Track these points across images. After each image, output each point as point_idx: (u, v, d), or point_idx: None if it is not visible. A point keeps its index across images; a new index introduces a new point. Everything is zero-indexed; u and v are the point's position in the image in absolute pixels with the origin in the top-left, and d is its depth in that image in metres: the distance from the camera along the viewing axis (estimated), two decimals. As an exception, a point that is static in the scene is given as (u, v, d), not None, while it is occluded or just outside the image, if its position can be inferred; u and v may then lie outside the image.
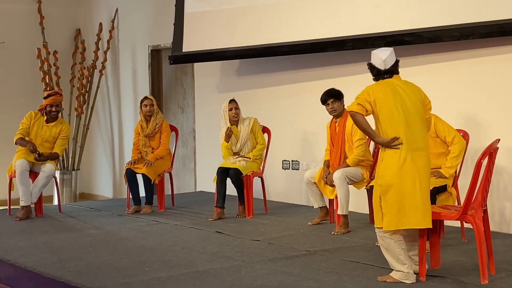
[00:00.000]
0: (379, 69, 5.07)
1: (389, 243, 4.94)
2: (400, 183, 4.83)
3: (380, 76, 5.08)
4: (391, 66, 5.07)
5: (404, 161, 4.84)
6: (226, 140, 7.75)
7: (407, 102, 4.95)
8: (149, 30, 10.88)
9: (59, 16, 11.72)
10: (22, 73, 11.36)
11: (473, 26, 6.78)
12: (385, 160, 4.92)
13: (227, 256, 5.88)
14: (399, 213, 4.84)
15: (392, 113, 4.90)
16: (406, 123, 4.89)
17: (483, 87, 7.01)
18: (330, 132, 7.11)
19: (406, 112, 4.92)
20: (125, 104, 11.38)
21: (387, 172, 4.89)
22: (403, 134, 4.87)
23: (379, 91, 4.97)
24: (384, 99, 4.93)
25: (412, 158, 4.85)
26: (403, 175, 4.83)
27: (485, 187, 5.05)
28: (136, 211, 8.19)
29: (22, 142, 7.96)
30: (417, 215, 4.83)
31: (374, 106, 4.93)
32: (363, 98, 4.96)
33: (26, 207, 7.90)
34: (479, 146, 6.48)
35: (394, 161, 4.86)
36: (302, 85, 8.73)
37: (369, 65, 5.15)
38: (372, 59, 5.14)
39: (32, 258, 5.92)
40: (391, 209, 4.86)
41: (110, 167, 11.69)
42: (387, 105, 4.92)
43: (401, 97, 4.95)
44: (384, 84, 5.04)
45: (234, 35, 8.90)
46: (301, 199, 8.73)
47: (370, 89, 5.02)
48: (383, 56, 5.06)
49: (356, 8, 7.72)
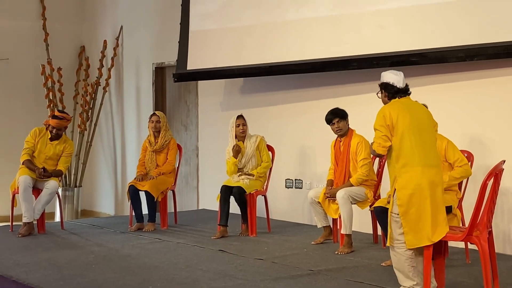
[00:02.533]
0: (398, 87, 5.11)
1: (400, 259, 4.96)
2: (419, 202, 4.86)
3: (398, 94, 5.12)
4: (406, 86, 5.15)
5: (420, 178, 4.87)
6: (235, 156, 7.74)
7: (421, 121, 5.02)
8: (154, 47, 10.91)
9: (63, 33, 11.78)
10: (26, 89, 11.40)
11: (478, 47, 6.79)
12: (403, 178, 4.93)
13: (230, 275, 5.85)
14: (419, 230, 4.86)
15: (407, 131, 4.94)
16: (421, 140, 4.95)
17: (488, 108, 7.00)
18: (335, 151, 7.11)
19: (421, 129, 4.99)
20: (128, 121, 11.38)
21: (405, 192, 4.90)
22: (418, 152, 4.92)
23: (395, 111, 5.00)
24: (400, 118, 4.97)
25: (427, 175, 4.89)
26: (421, 193, 4.86)
27: (490, 208, 5.03)
28: (139, 228, 8.18)
29: (30, 166, 7.95)
30: (428, 230, 4.86)
31: (392, 129, 4.98)
32: (379, 134, 5.00)
33: (28, 223, 7.88)
34: (484, 167, 6.47)
35: (412, 179, 4.89)
36: (306, 104, 8.74)
37: (383, 84, 5.18)
38: (386, 78, 5.17)
39: (34, 274, 5.90)
40: (412, 227, 4.88)
41: (113, 184, 11.68)
42: (403, 123, 4.96)
43: (416, 115, 5.02)
44: (398, 103, 5.08)
45: (239, 53, 8.92)
46: (304, 218, 8.71)
47: (385, 110, 5.04)
48: (399, 74, 5.14)
49: (361, 28, 7.74)
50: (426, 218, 4.86)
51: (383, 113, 5.03)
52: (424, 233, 4.86)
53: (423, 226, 4.86)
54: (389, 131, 4.98)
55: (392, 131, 4.98)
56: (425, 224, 4.86)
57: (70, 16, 11.97)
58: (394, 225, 4.99)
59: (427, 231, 4.86)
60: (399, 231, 4.95)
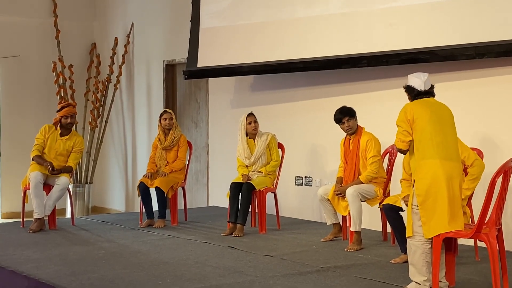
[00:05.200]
0: (419, 90, 5.24)
1: (416, 251, 5.02)
2: (436, 192, 4.93)
3: (420, 96, 5.25)
4: (430, 88, 5.28)
5: (438, 169, 4.95)
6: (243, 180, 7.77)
7: (442, 117, 5.14)
8: (164, 45, 10.94)
9: (75, 30, 11.83)
10: (37, 86, 11.45)
11: (488, 45, 6.78)
12: (422, 170, 5.01)
13: (240, 271, 5.88)
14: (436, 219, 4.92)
15: (428, 125, 5.05)
16: (441, 134, 5.06)
17: (498, 106, 7.00)
18: (344, 149, 7.12)
19: (442, 124, 5.10)
20: (139, 118, 11.42)
21: (423, 182, 4.98)
22: (437, 145, 5.01)
23: (416, 107, 5.14)
24: (421, 112, 5.09)
25: (445, 167, 4.96)
26: (438, 184, 4.93)
27: (499, 205, 5.04)
28: (149, 225, 8.21)
29: (39, 160, 8.00)
30: (446, 219, 4.91)
31: (412, 123, 5.10)
32: (400, 130, 5.16)
33: (39, 219, 7.92)
34: (493, 165, 6.44)
35: (430, 170, 4.97)
36: (316, 102, 8.75)
37: (407, 87, 5.32)
38: (410, 81, 5.30)
39: (45, 270, 5.94)
40: (429, 217, 4.94)
41: (123, 181, 11.73)
42: (423, 118, 5.07)
43: (436, 112, 5.13)
44: (421, 102, 5.21)
45: (249, 51, 8.94)
46: (314, 215, 8.72)
47: (407, 106, 5.20)
48: (423, 77, 5.26)
49: (371, 26, 7.74)
50: (443, 208, 4.92)
51: (405, 109, 5.17)
52: (440, 222, 4.92)
53: (439, 216, 4.92)
54: (410, 125, 5.10)
55: (413, 125, 5.08)
56: (441, 214, 4.92)
57: (81, 13, 12.02)
58: (414, 217, 5.06)
59: (444, 220, 4.92)
60: (418, 223, 5.01)
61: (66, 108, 8.22)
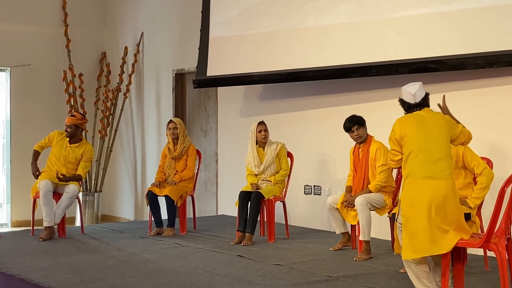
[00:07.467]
0: (409, 103, 5.21)
1: (410, 265, 5.02)
2: (417, 213, 4.88)
3: (411, 109, 5.22)
4: (421, 100, 5.20)
5: (418, 190, 4.91)
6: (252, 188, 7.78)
7: (429, 131, 5.04)
8: (174, 54, 10.97)
9: (85, 39, 11.88)
10: (47, 95, 11.50)
11: (498, 54, 6.78)
12: (404, 189, 5.01)
13: (249, 280, 5.88)
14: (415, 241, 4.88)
15: (412, 144, 5.02)
16: (425, 152, 4.97)
17: (507, 115, 6.98)
18: (354, 158, 7.11)
19: (428, 141, 5.00)
20: (148, 127, 11.45)
21: (405, 202, 4.97)
22: (420, 164, 4.95)
23: (403, 124, 5.14)
24: (407, 129, 5.07)
25: (427, 187, 4.90)
26: (418, 205, 4.87)
27: (508, 215, 5.01)
28: (158, 233, 8.23)
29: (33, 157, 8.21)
30: (425, 241, 4.85)
31: (400, 141, 5.11)
32: (390, 149, 5.24)
33: (49, 227, 7.95)
34: (503, 174, 6.43)
35: (411, 191, 4.95)
36: (325, 111, 8.75)
37: (400, 101, 5.30)
38: (402, 95, 5.26)
39: (55, 278, 5.95)
40: (409, 238, 4.91)
41: (132, 190, 11.75)
42: (410, 135, 5.05)
43: (424, 128, 5.06)
44: (410, 116, 5.18)
45: (258, 60, 8.96)
46: (323, 224, 8.71)
47: (395, 125, 5.19)
48: (412, 90, 5.19)
49: (380, 35, 7.75)
50: (423, 230, 4.85)
51: (393, 128, 5.19)
52: (419, 245, 4.86)
53: (419, 238, 4.86)
54: (398, 144, 5.12)
55: (401, 143, 5.10)
56: (421, 236, 4.85)
57: (91, 22, 12.08)
58: (400, 234, 5.08)
59: (424, 243, 4.84)
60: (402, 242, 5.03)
61: (69, 117, 8.37)
